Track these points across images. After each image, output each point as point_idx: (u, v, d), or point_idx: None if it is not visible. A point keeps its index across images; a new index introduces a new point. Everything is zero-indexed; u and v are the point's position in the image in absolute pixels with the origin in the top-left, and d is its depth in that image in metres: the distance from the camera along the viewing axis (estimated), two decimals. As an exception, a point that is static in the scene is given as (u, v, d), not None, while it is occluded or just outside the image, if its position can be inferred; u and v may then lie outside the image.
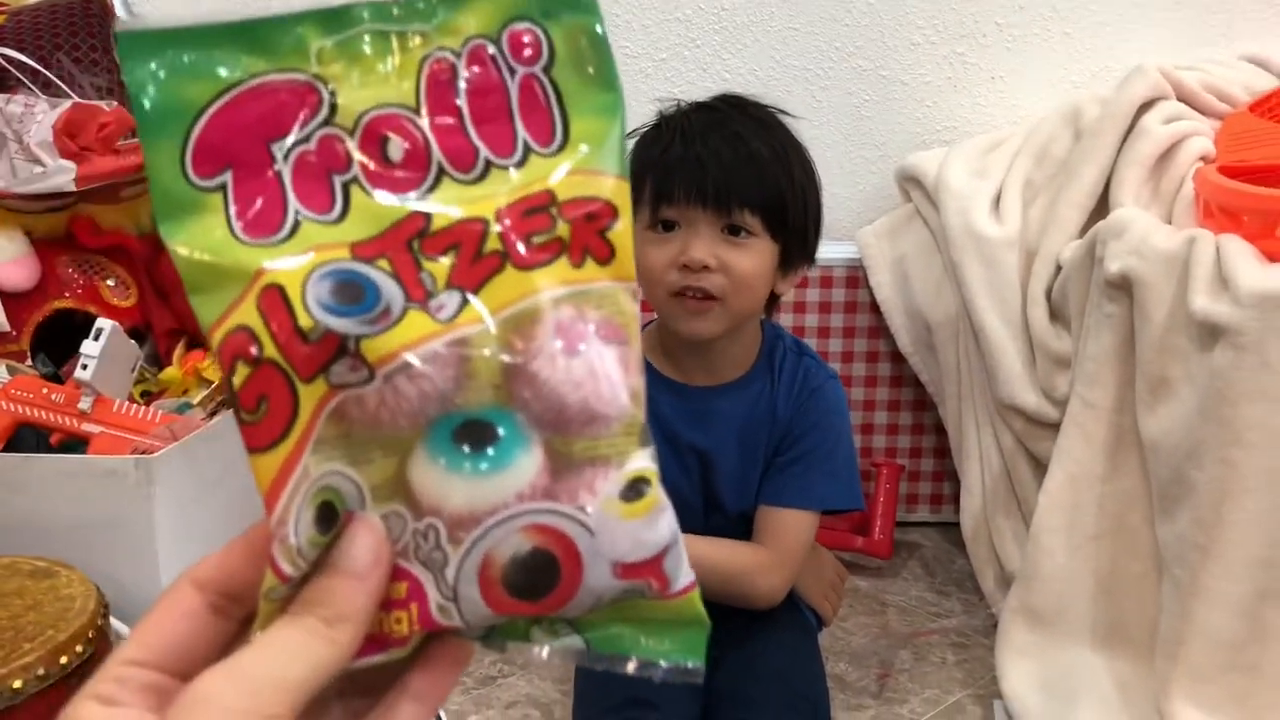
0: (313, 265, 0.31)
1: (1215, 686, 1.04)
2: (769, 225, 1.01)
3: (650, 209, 1.01)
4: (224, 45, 0.32)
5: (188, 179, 0.32)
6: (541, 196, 0.32)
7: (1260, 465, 0.99)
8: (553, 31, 0.33)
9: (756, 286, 1.02)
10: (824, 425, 1.08)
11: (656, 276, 1.02)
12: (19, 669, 0.97)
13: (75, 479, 1.20)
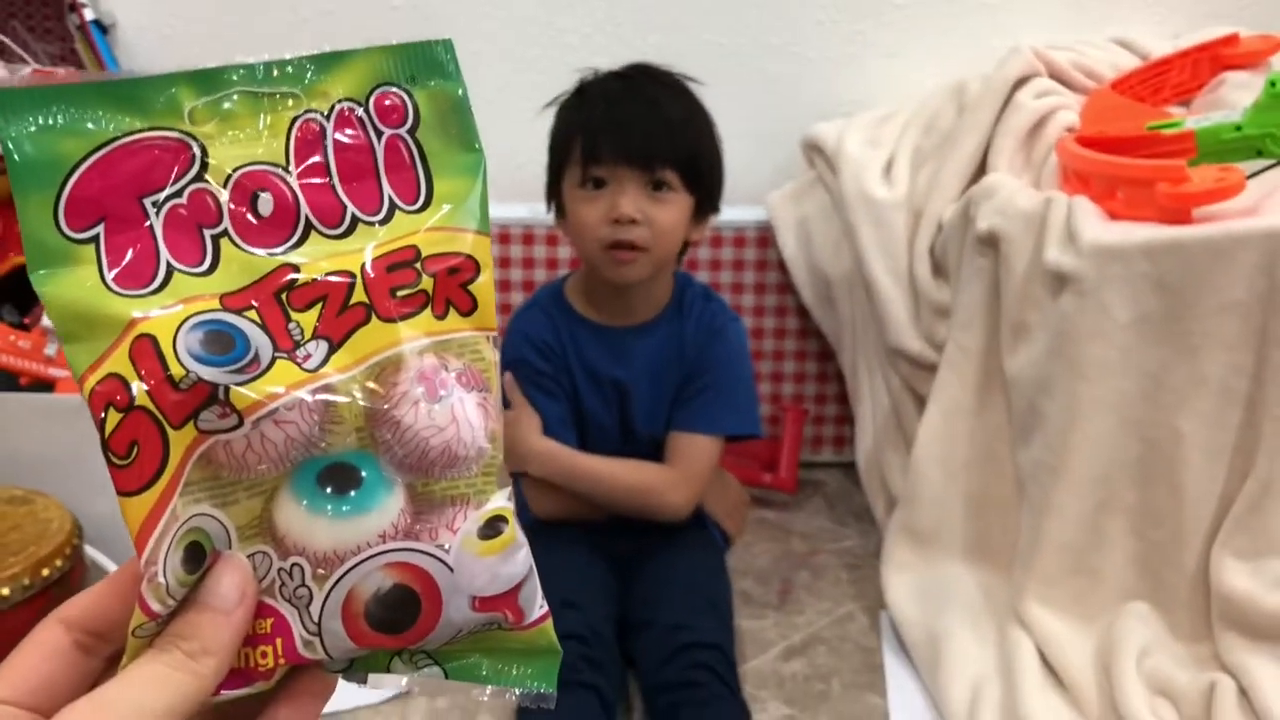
0: (184, 316, 0.32)
1: (1061, 589, 1.20)
2: (686, 180, 1.16)
3: (580, 168, 1.15)
4: (99, 103, 0.33)
5: (60, 231, 0.32)
6: (406, 252, 0.34)
7: (1098, 395, 1.15)
8: (418, 96, 0.36)
9: (676, 236, 1.18)
10: (726, 361, 1.24)
11: (589, 231, 1.16)
12: (6, 579, 1.08)
13: (45, 417, 1.30)
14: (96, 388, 0.32)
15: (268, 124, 0.35)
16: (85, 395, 0.32)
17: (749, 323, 1.73)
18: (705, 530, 1.30)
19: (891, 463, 1.50)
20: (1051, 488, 1.18)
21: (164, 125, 0.34)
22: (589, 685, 1.05)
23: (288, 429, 0.32)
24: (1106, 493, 1.17)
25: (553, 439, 1.22)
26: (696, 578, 1.21)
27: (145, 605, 0.32)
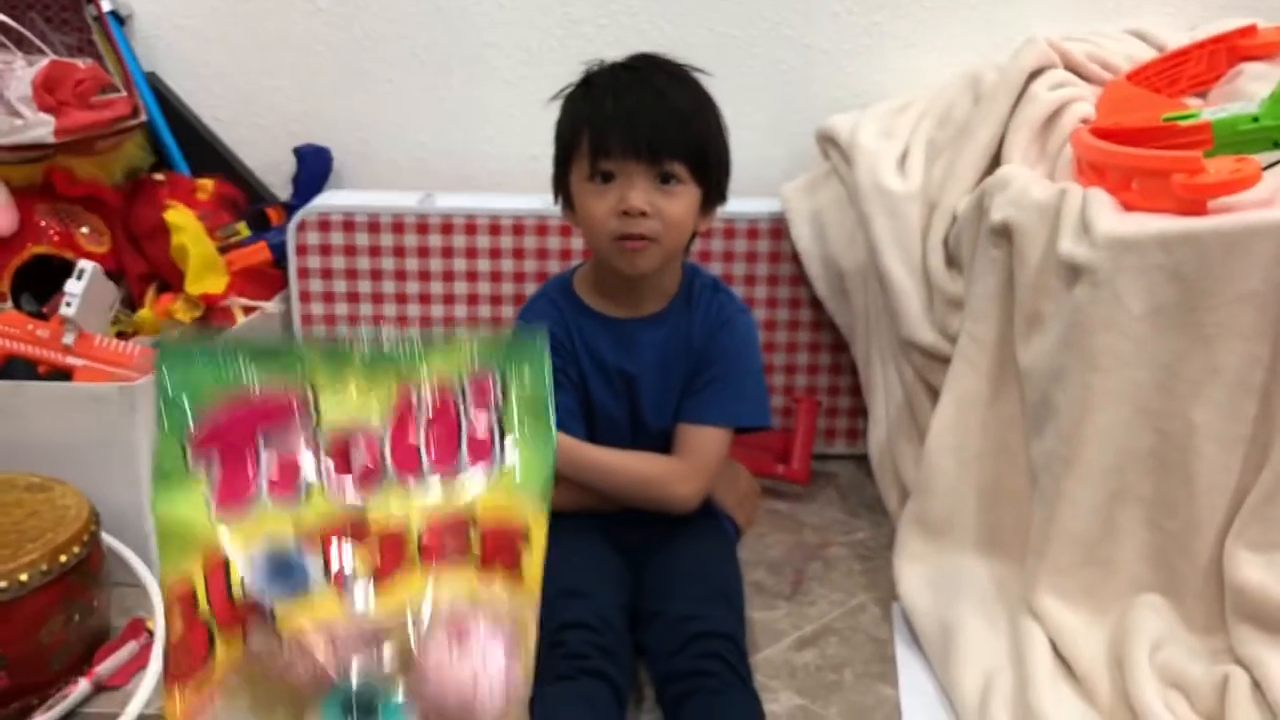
0: (259, 540, 0.37)
1: (1073, 580, 1.20)
2: (694, 172, 1.16)
3: (589, 161, 1.15)
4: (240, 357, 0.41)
5: (185, 460, 0.39)
6: (466, 512, 0.39)
7: (1111, 386, 1.15)
8: (509, 378, 0.41)
9: (685, 227, 1.18)
10: (734, 352, 1.24)
11: (599, 223, 1.16)
12: (25, 564, 1.09)
13: (64, 405, 1.32)
14: (174, 591, 0.37)
15: (375, 388, 0.41)
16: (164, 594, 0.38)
17: (761, 315, 1.73)
18: (716, 520, 1.30)
19: (904, 454, 1.50)
20: (1064, 478, 1.18)
21: (290, 381, 0.40)
22: (600, 674, 1.05)
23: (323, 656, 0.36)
24: (1119, 484, 1.17)
25: (561, 431, 1.22)
26: (707, 567, 1.21)
27: None
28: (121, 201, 1.66)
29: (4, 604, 1.06)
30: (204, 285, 1.64)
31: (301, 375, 0.41)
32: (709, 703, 1.04)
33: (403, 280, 1.70)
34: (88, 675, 1.15)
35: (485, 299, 1.72)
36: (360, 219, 1.68)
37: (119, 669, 1.18)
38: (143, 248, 1.67)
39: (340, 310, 1.72)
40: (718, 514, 1.30)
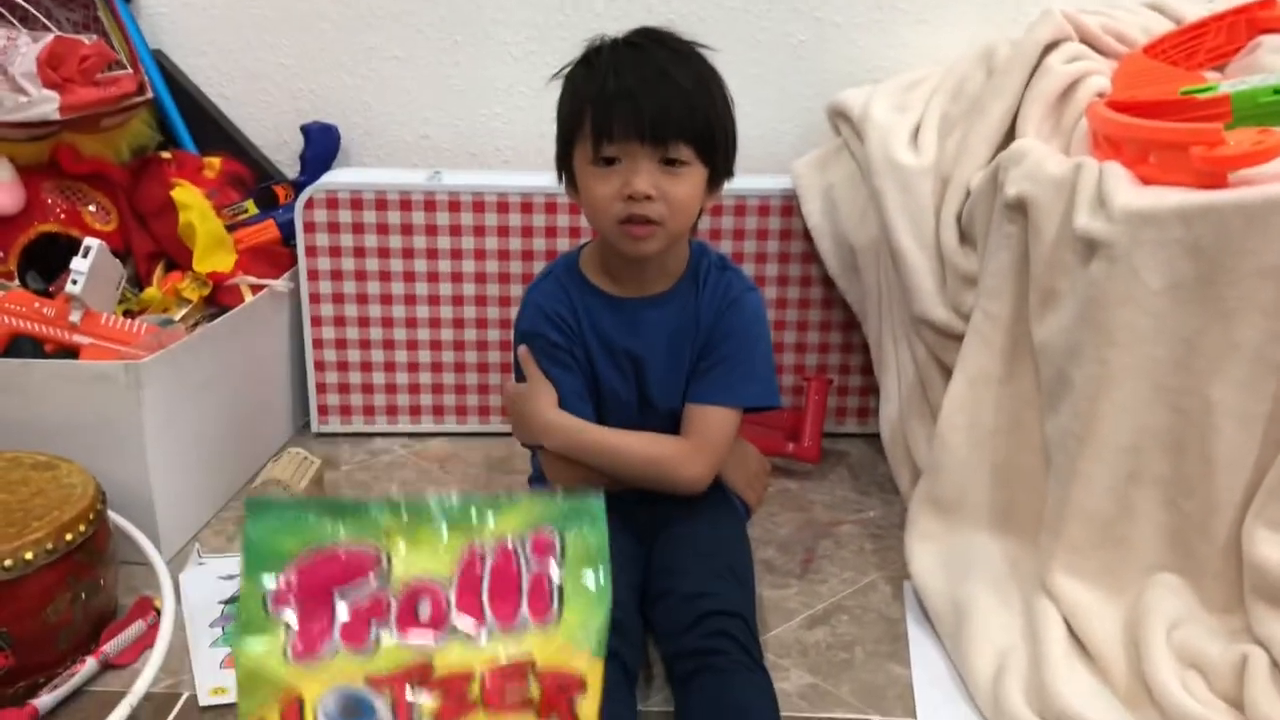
0: (332, 682, 0.42)
1: (1089, 560, 1.18)
2: (700, 153, 1.13)
3: (591, 145, 1.12)
4: (321, 514, 0.46)
5: (265, 607, 0.44)
6: (526, 660, 0.43)
7: (1128, 362, 1.13)
8: (568, 537, 0.46)
9: (691, 208, 1.16)
10: (742, 332, 1.23)
11: (603, 207, 1.14)
12: (30, 543, 1.08)
13: (70, 383, 1.31)
14: None
15: (444, 545, 0.45)
16: None
17: (772, 293, 1.72)
18: (726, 499, 1.29)
19: (916, 433, 1.48)
20: (1079, 456, 1.17)
21: (365, 538, 0.45)
22: (612, 653, 1.04)
23: None
24: (1136, 462, 1.15)
25: (569, 412, 1.21)
26: (717, 545, 1.20)
27: None
28: (128, 179, 1.65)
29: (9, 583, 1.06)
30: (212, 263, 1.62)
31: (378, 532, 0.45)
32: (718, 680, 1.03)
33: (410, 258, 1.69)
34: (95, 654, 1.14)
35: (493, 277, 1.70)
36: (368, 196, 1.66)
37: (127, 647, 1.18)
38: (150, 226, 1.66)
39: (349, 289, 1.71)
40: (727, 493, 1.29)
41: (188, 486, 1.44)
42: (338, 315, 1.72)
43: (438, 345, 1.74)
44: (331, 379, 1.76)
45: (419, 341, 1.74)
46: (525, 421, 1.24)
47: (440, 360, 1.75)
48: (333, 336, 1.74)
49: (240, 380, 1.60)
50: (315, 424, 1.79)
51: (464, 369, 1.76)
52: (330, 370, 1.75)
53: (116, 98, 1.58)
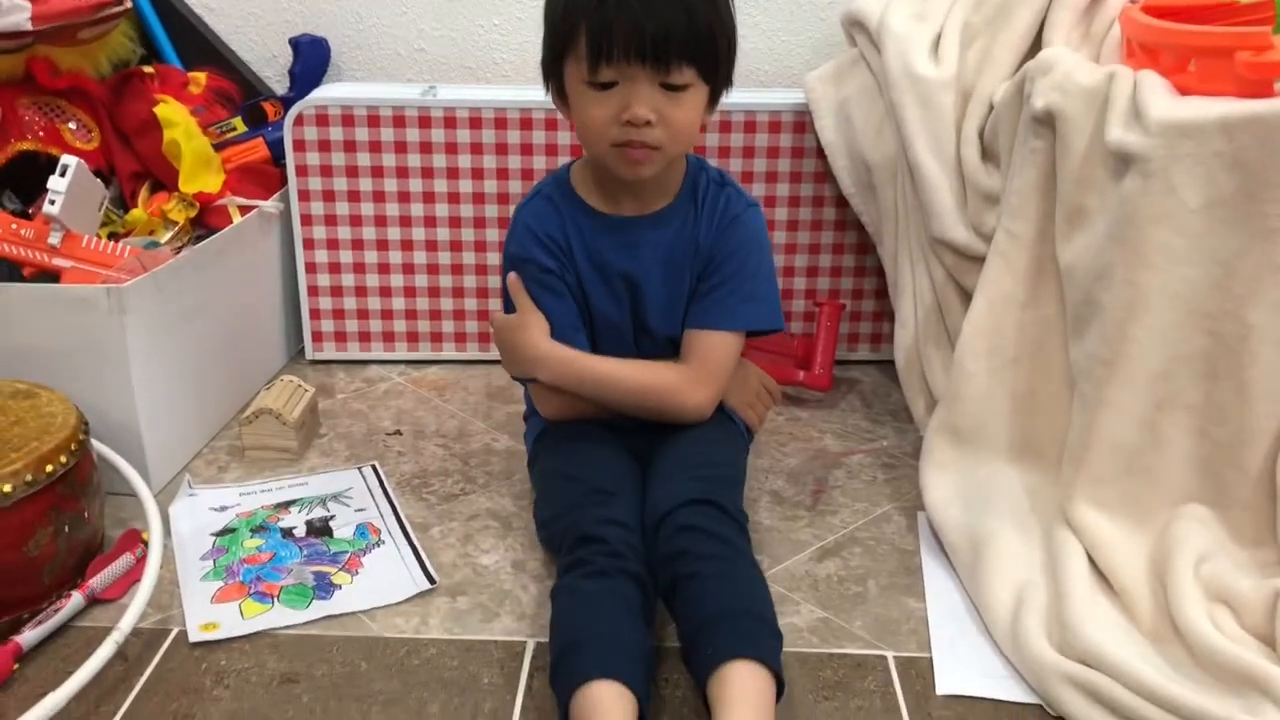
0: None
1: (1112, 490, 1.13)
2: (703, 73, 1.06)
3: (587, 67, 1.04)
4: None
5: None
6: None
7: (1161, 284, 1.07)
8: None
9: (692, 131, 1.10)
10: (743, 252, 1.17)
11: (599, 131, 1.07)
12: (8, 474, 1.04)
13: (49, 308, 1.25)
14: None
15: None
16: None
17: (783, 214, 1.65)
18: (729, 421, 1.24)
19: (933, 359, 1.42)
20: (1106, 384, 1.11)
21: None
22: (635, 576, 0.99)
23: None
24: (1166, 389, 1.09)
25: (562, 342, 1.15)
26: (701, 453, 1.15)
27: None
28: (109, 95, 1.57)
29: (-12, 515, 1.01)
30: (199, 184, 1.56)
31: None
32: (690, 589, 0.96)
33: (405, 178, 1.62)
34: (81, 588, 1.10)
35: (492, 198, 1.63)
36: (359, 112, 1.59)
37: (114, 582, 1.14)
38: (133, 144, 1.59)
39: (341, 210, 1.64)
40: (732, 416, 1.24)
41: (176, 416, 1.39)
42: (330, 238, 1.66)
43: (435, 269, 1.68)
44: (325, 304, 1.70)
45: (415, 265, 1.67)
46: (516, 353, 1.18)
47: (438, 285, 1.69)
48: (326, 260, 1.67)
49: (230, 305, 1.54)
50: (310, 351, 1.73)
51: (462, 294, 1.70)
52: (324, 295, 1.70)
53: (93, 7, 1.49)
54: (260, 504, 1.31)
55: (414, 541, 1.23)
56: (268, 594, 1.13)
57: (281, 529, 1.25)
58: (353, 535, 1.24)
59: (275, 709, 0.99)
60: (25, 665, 1.03)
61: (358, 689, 1.01)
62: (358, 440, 1.50)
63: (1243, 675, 0.94)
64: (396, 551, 1.21)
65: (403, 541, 1.23)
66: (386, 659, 1.05)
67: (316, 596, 1.13)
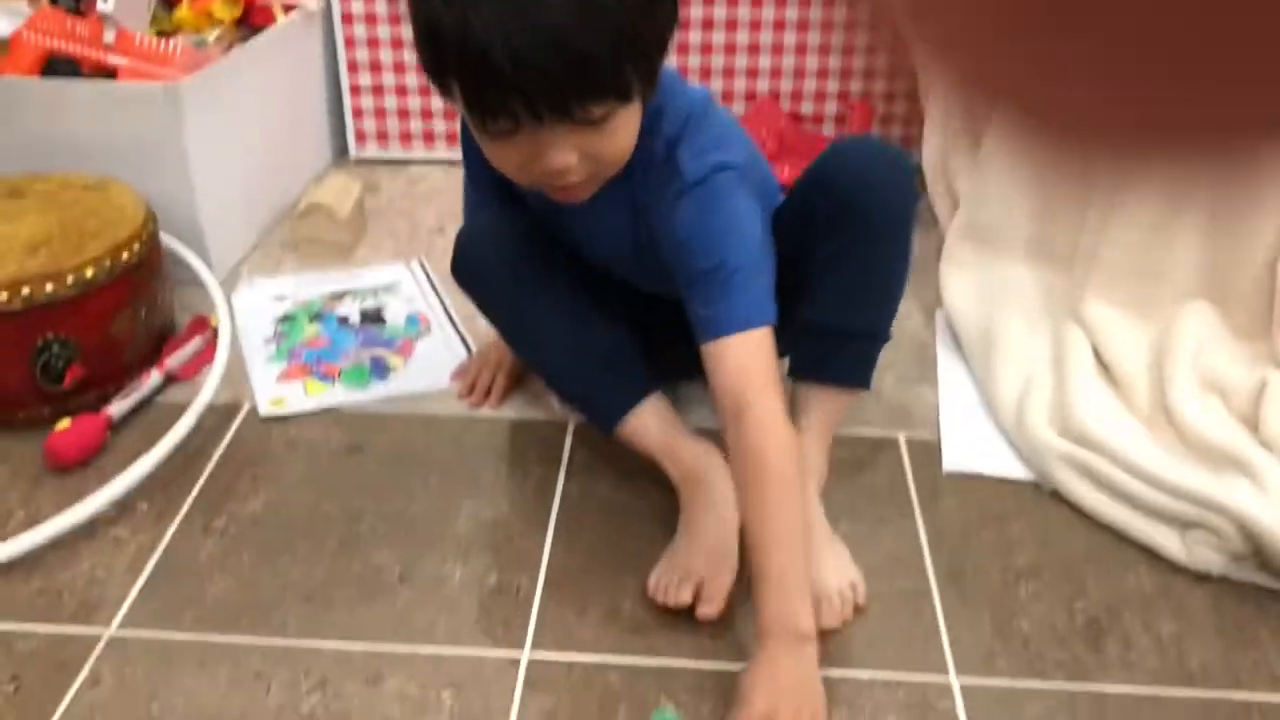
0: None
1: (1123, 289, 1.20)
2: (625, 96, 0.82)
3: (475, 120, 0.82)
4: None
5: None
6: None
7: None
8: None
9: (628, 148, 0.87)
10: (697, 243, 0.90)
11: (511, 174, 0.87)
12: (90, 261, 1.12)
13: (109, 105, 1.31)
14: None
15: None
16: None
17: (817, 13, 1.66)
18: None
19: (959, 163, 1.47)
20: (1123, 185, 1.16)
21: None
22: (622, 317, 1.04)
23: None
24: (1178, 191, 1.14)
25: None
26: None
27: None
28: (149, -110, 1.58)
29: (74, 299, 1.10)
30: (242, -19, 1.58)
31: None
32: None
33: (443, -24, 1.63)
34: (158, 367, 1.20)
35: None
36: (397, -91, 1.59)
37: (187, 362, 1.24)
38: (175, -59, 1.61)
39: (380, 8, 1.67)
40: None
41: (233, 208, 1.47)
42: (371, 37, 1.69)
43: (473, 69, 1.71)
44: (367, 103, 1.75)
45: (454, 65, 1.70)
46: None
47: (476, 85, 1.72)
48: (367, 59, 1.71)
49: (277, 104, 1.59)
50: (353, 150, 1.79)
51: (501, 94, 1.73)
52: (365, 94, 1.74)
53: None
54: (316, 293, 1.40)
55: (461, 331, 1.32)
56: (329, 374, 1.23)
57: (338, 317, 1.34)
58: (404, 323, 1.33)
59: (342, 474, 1.10)
60: (116, 435, 1.14)
61: (416, 458, 1.12)
62: (403, 236, 1.57)
63: (1224, 454, 1.02)
64: (444, 340, 1.30)
65: (450, 331, 1.32)
66: (442, 434, 1.16)
67: (374, 377, 1.23)
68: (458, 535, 1.02)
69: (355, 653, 0.89)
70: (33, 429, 1.13)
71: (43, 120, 1.31)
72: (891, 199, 0.97)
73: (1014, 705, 0.85)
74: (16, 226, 1.16)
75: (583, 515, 1.05)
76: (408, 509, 1.05)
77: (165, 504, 1.05)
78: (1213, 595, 0.97)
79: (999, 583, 0.98)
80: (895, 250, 1.01)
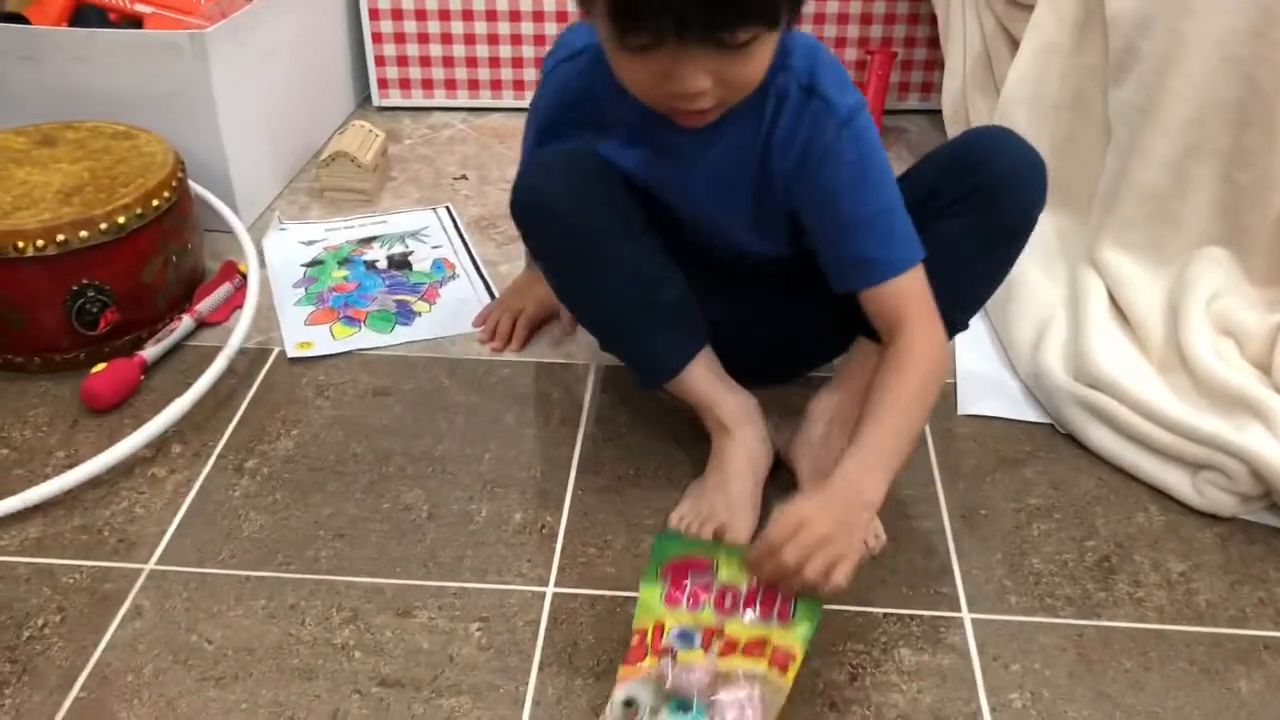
0: (678, 622, 0.80)
1: (1139, 233, 1.20)
2: (773, 22, 0.79)
3: (614, 29, 0.78)
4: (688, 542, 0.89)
5: (658, 574, 0.83)
6: (768, 637, 0.78)
7: (1203, 31, 1.10)
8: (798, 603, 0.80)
9: (759, 77, 0.84)
10: (855, 189, 0.90)
11: (641, 93, 0.83)
12: (121, 208, 1.14)
13: (137, 53, 1.32)
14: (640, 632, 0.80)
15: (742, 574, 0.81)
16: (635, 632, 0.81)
17: (839, -41, 1.65)
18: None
19: (979, 107, 1.47)
20: (1140, 130, 1.16)
21: (710, 555, 0.84)
22: None
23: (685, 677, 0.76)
24: (1197, 136, 1.14)
25: None
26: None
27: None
28: None
29: (107, 245, 1.13)
30: (262, -71, 1.59)
31: (717, 554, 0.83)
32: None
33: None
34: (189, 312, 1.23)
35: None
36: None
37: (218, 306, 1.26)
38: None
39: (401, -45, 1.67)
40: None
41: (259, 156, 1.49)
42: (393, -16, 1.70)
43: (493, 15, 1.71)
44: (389, 51, 1.75)
45: (475, 12, 1.71)
46: None
47: (496, 32, 1.73)
48: (388, 6, 1.71)
49: (302, 51, 1.60)
50: (376, 97, 1.80)
51: (520, 41, 1.74)
52: (388, 42, 1.75)
53: None
54: (344, 239, 1.42)
55: (486, 277, 1.34)
56: (355, 318, 1.26)
57: (365, 262, 1.36)
58: (430, 269, 1.35)
59: (370, 415, 1.12)
60: (150, 378, 1.17)
61: (442, 401, 1.15)
62: (426, 184, 1.59)
63: (1236, 397, 1.03)
64: (470, 285, 1.32)
65: (475, 277, 1.34)
66: (466, 376, 1.18)
67: (399, 322, 1.25)
68: (483, 475, 1.05)
69: (386, 586, 0.92)
70: (69, 371, 1.16)
71: (71, 69, 1.33)
72: (1031, 203, 0.97)
73: (1024, 638, 0.88)
74: (50, 175, 1.18)
75: (603, 455, 1.07)
76: (434, 449, 1.08)
77: (200, 445, 1.08)
78: (1222, 535, 0.99)
79: (1011, 523, 1.00)
80: (1011, 253, 1.01)
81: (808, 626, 0.79)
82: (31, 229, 1.09)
